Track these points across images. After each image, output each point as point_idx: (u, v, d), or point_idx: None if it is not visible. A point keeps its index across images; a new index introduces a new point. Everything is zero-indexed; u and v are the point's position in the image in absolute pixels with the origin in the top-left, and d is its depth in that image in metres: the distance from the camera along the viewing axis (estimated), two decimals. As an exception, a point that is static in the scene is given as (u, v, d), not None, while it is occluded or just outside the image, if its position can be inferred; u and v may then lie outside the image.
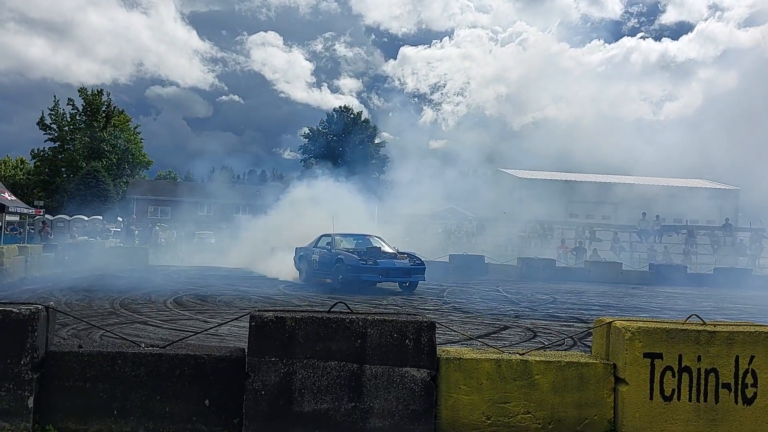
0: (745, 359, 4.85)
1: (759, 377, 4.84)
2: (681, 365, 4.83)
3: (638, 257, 31.81)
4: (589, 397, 4.91)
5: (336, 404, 4.70)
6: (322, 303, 13.73)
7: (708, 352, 4.84)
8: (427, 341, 4.83)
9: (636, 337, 4.83)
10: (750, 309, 16.75)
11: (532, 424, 4.84)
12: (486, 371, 4.87)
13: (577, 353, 5.85)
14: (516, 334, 10.24)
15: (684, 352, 4.84)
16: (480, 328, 10.92)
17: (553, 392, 4.88)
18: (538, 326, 11.37)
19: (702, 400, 4.81)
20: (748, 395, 4.83)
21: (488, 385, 4.85)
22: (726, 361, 4.84)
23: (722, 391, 4.82)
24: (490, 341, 9.03)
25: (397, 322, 4.82)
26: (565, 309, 14.67)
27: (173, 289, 16.09)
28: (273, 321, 4.72)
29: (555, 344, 9.22)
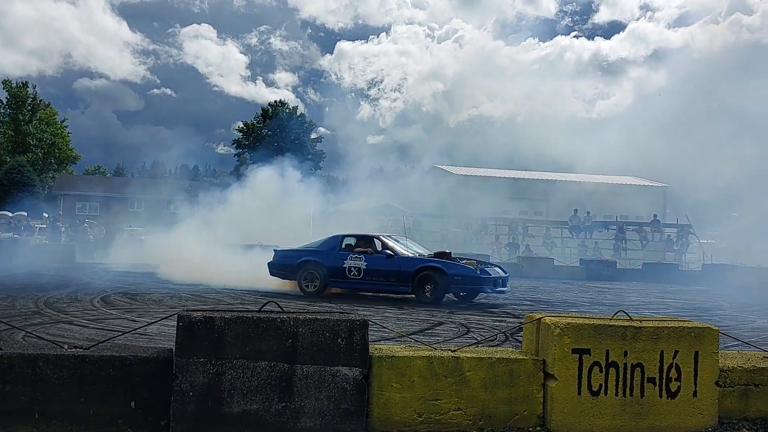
0: (670, 354, 4.96)
1: (682, 371, 4.96)
2: (608, 360, 4.92)
3: (570, 253, 32.44)
4: (519, 392, 4.96)
5: (266, 404, 4.64)
6: (255, 301, 13.57)
7: (634, 348, 4.94)
8: (359, 339, 4.80)
9: (565, 333, 4.89)
10: (675, 303, 17.24)
11: (463, 420, 4.86)
12: (418, 369, 4.87)
13: (508, 349, 5.91)
14: (450, 330, 10.31)
15: (611, 348, 4.93)
16: (414, 324, 10.96)
17: (484, 388, 4.91)
18: (472, 322, 11.47)
19: (628, 395, 4.91)
20: (672, 389, 4.95)
21: (420, 383, 4.85)
22: (651, 356, 4.95)
23: (647, 385, 4.93)
24: (424, 337, 9.07)
25: (329, 321, 4.78)
26: (497, 304, 14.84)
27: (101, 287, 15.69)
28: (201, 321, 4.62)
29: (487, 340, 9.31)
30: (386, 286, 14.90)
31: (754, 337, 10.95)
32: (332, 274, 15.23)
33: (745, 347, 5.96)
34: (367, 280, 15.02)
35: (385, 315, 12.13)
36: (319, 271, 15.37)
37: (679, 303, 17.46)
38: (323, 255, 15.51)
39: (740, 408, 5.20)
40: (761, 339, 10.66)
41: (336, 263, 15.24)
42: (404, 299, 15.00)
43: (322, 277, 15.32)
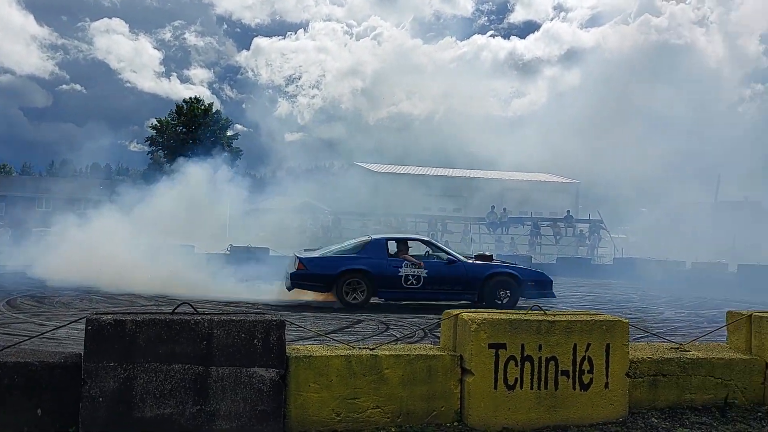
0: (582, 347, 5.07)
1: (594, 364, 5.08)
2: (523, 354, 4.99)
3: (487, 248, 32.95)
4: (437, 388, 4.98)
5: (180, 408, 4.52)
6: (170, 303, 13.25)
7: (548, 341, 5.03)
8: (276, 340, 4.73)
9: (481, 328, 4.94)
10: (588, 297, 17.74)
11: (382, 418, 4.85)
12: (336, 368, 4.83)
13: (426, 346, 5.93)
14: (369, 328, 10.31)
15: (526, 342, 5.00)
16: (333, 323, 10.92)
17: (403, 386, 4.91)
18: (391, 319, 11.50)
19: (543, 388, 5.00)
20: (584, 381, 5.06)
21: (338, 382, 4.82)
22: (565, 349, 5.05)
23: (561, 378, 5.02)
24: (343, 336, 9.03)
25: (245, 322, 4.70)
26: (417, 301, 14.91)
27: (6, 289, 15.04)
28: (111, 324, 4.46)
29: (406, 337, 9.35)
30: (449, 295, 13.85)
31: (663, 328, 11.35)
32: (383, 283, 13.62)
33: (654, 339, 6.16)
34: (427, 289, 13.73)
35: (304, 315, 12.03)
36: (366, 280, 13.64)
37: (592, 296, 17.97)
38: (371, 262, 13.78)
39: (649, 398, 5.36)
40: (669, 330, 11.07)
41: (388, 271, 13.66)
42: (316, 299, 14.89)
43: (370, 287, 13.64)
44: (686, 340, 6.08)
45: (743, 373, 5.53)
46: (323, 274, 13.58)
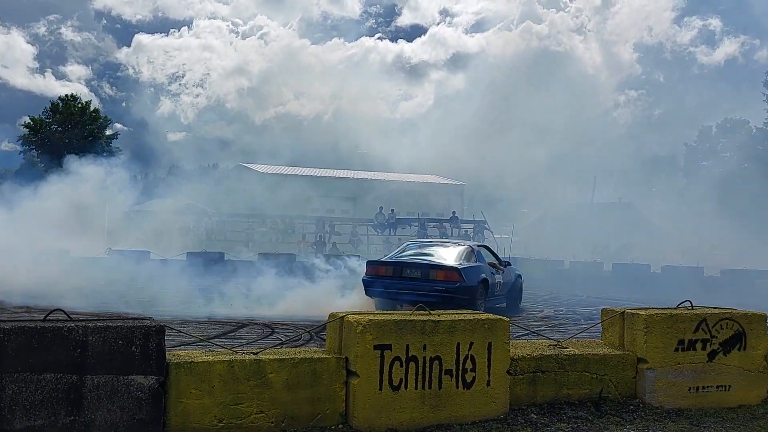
0: (465, 346, 5.16)
1: (477, 362, 5.18)
2: (408, 355, 5.02)
3: (375, 250, 33.19)
4: (322, 391, 4.94)
5: (52, 419, 4.31)
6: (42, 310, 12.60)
7: (432, 341, 5.08)
8: (155, 346, 4.58)
9: (367, 330, 4.94)
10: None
11: (266, 423, 4.77)
12: (218, 373, 4.72)
13: (311, 349, 5.89)
14: (253, 332, 10.15)
15: (411, 342, 5.04)
16: (217, 327, 10.67)
17: (287, 390, 4.85)
18: (276, 322, 11.37)
19: (427, 387, 5.05)
20: (467, 380, 5.15)
21: (220, 388, 4.71)
22: (449, 348, 5.12)
23: (445, 377, 5.09)
24: (226, 341, 8.85)
25: (122, 328, 4.52)
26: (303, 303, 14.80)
27: None
28: (-25, 333, 4.20)
29: (292, 340, 9.26)
30: (507, 299, 13.84)
31: (542, 326, 11.73)
32: (488, 292, 12.93)
33: (533, 336, 6.35)
34: (503, 295, 13.63)
35: (186, 320, 11.71)
36: (484, 290, 12.72)
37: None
38: (486, 270, 13.01)
39: (529, 394, 5.51)
40: (548, 328, 11.45)
41: (491, 279, 13.09)
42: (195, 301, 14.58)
43: (485, 297, 12.69)
44: (564, 337, 6.29)
45: (616, 368, 5.77)
46: (472, 286, 12.35)
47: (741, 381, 5.91)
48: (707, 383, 5.83)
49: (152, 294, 15.99)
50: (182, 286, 18.24)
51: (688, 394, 5.78)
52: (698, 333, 5.82)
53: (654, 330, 5.72)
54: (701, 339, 5.82)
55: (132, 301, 13.95)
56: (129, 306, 12.84)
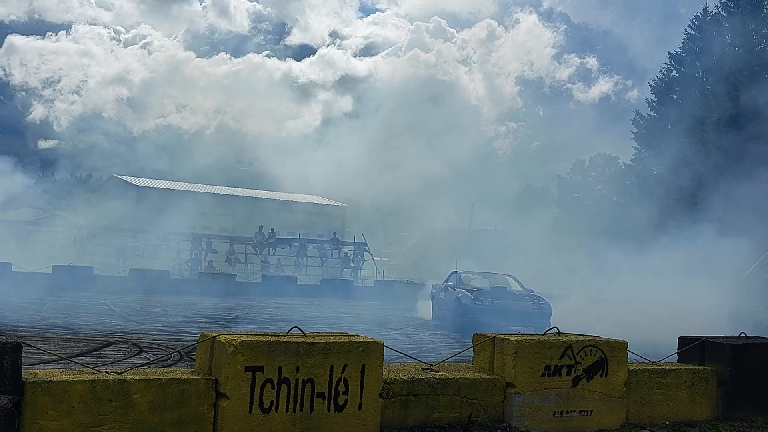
0: (339, 368, 5.12)
1: (350, 385, 5.14)
2: (280, 377, 4.93)
3: (252, 269, 32.72)
4: (190, 413, 4.78)
5: None
6: None
7: (306, 363, 5.02)
8: (10, 364, 4.32)
9: (239, 351, 4.82)
10: (348, 318, 18.15)
11: (128, 446, 4.56)
12: (79, 393, 4.48)
13: (180, 369, 5.70)
14: (120, 351, 9.74)
15: (284, 364, 4.95)
16: (81, 345, 10.18)
17: (152, 411, 4.66)
18: (146, 341, 10.96)
19: (298, 410, 4.97)
20: (339, 402, 5.11)
21: (81, 408, 4.47)
22: (322, 371, 5.06)
23: (317, 400, 5.03)
24: (91, 359, 8.45)
25: (-27, 345, 4.22)
26: (175, 322, 14.43)
27: None
28: None
29: (161, 359, 8.95)
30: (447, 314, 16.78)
31: (416, 348, 11.86)
32: None
33: (407, 359, 6.38)
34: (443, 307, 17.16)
35: (48, 336, 11.11)
36: None
37: (352, 317, 18.41)
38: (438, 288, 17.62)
39: (401, 417, 5.52)
40: (422, 351, 11.58)
41: (437, 294, 17.51)
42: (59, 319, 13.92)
43: None
44: (437, 361, 6.36)
45: (486, 392, 5.88)
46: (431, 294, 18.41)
47: (602, 406, 6.14)
48: (571, 408, 6.03)
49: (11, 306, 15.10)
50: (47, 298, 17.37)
51: (553, 419, 5.95)
52: (564, 359, 6.01)
53: (523, 355, 5.88)
54: (567, 365, 6.02)
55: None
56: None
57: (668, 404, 6.53)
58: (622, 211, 31.77)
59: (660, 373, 6.56)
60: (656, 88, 37.31)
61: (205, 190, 48.01)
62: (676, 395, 6.57)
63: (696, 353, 6.97)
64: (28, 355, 4.42)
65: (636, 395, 6.37)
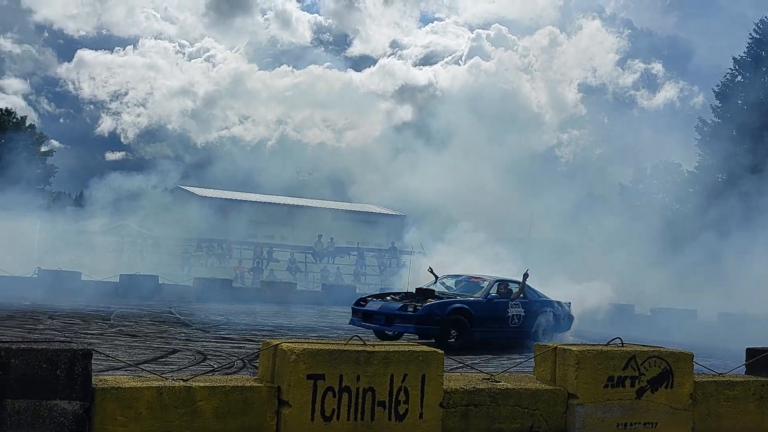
0: (399, 377, 5.15)
1: (410, 394, 5.17)
2: (341, 385, 4.99)
3: (312, 277, 33.00)
4: (253, 421, 4.87)
5: (-32, 445, 4.13)
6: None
7: (367, 372, 5.06)
8: (81, 371, 4.46)
9: (300, 359, 4.89)
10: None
11: (194, 453, 4.66)
12: (146, 400, 4.61)
13: (243, 377, 5.81)
14: (185, 358, 9.94)
15: (345, 373, 5.00)
16: (147, 352, 10.42)
17: (217, 418, 4.76)
18: (209, 349, 11.16)
19: (359, 419, 5.01)
20: (400, 411, 5.13)
21: (148, 415, 4.59)
22: (382, 380, 5.10)
23: (378, 408, 5.06)
24: (157, 367, 8.64)
25: (47, 351, 4.39)
26: (238, 330, 14.63)
27: None
28: None
29: (224, 367, 9.10)
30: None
31: (477, 359, 11.79)
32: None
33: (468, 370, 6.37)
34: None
35: (115, 343, 11.41)
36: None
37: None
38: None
39: (461, 427, 5.51)
40: (483, 361, 11.52)
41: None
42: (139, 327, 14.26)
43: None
44: (497, 371, 6.33)
45: (548, 402, 5.83)
46: None
47: (667, 418, 6.02)
48: (635, 420, 5.93)
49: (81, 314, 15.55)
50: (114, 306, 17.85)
51: (617, 431, 5.86)
52: (627, 370, 5.92)
53: (585, 366, 5.81)
54: (630, 376, 5.93)
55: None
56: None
57: (736, 417, 6.37)
58: (684, 219, 31.06)
59: (727, 385, 6.40)
60: (720, 94, 36.44)
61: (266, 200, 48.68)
62: (744, 408, 6.40)
63: (765, 365, 6.78)
64: (97, 362, 4.56)
65: (702, 408, 6.23)
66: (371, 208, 51.89)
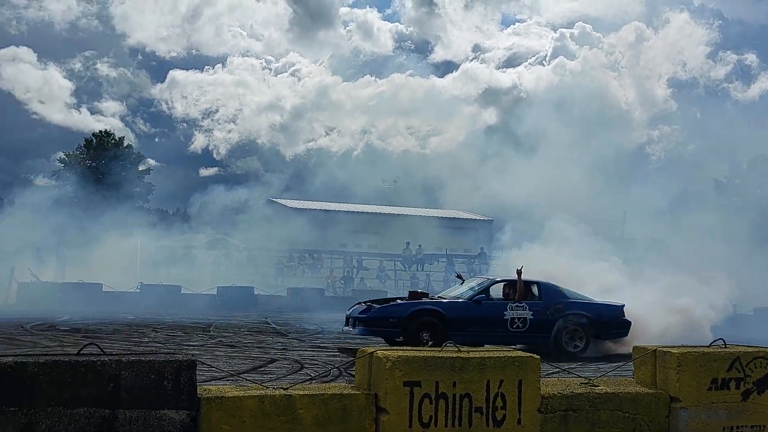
0: (496, 383, 5.12)
1: (507, 400, 5.14)
2: (438, 392, 5.00)
3: (402, 285, 33.11)
4: (352, 428, 4.93)
5: (85, 454, 4.34)
6: (75, 343, 12.75)
7: (462, 378, 5.06)
8: (187, 381, 4.61)
9: (396, 366, 4.93)
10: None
11: (296, 460, 4.76)
12: (249, 409, 4.74)
13: (341, 384, 5.89)
14: (283, 367, 10.16)
15: (441, 379, 5.02)
16: (246, 362, 10.70)
17: (317, 426, 4.85)
18: (306, 358, 11.37)
19: (457, 425, 5.01)
20: (498, 417, 5.11)
21: (251, 423, 4.72)
22: (478, 386, 5.09)
23: (475, 415, 5.05)
24: (256, 376, 8.87)
25: (154, 363, 4.56)
26: (332, 339, 14.84)
27: None
28: (12, 367, 4.26)
29: (321, 376, 9.25)
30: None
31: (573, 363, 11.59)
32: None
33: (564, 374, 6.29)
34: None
35: (216, 354, 11.76)
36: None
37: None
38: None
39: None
40: (578, 366, 11.31)
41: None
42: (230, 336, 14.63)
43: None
44: (595, 375, 6.22)
45: (649, 406, 5.68)
46: None
47: (777, 421, 5.79)
48: (741, 423, 5.72)
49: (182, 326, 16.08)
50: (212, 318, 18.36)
51: (723, 435, 5.67)
52: (732, 372, 5.72)
53: (687, 368, 5.64)
54: (735, 378, 5.72)
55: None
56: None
57: None
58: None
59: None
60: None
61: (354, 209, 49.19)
62: None
63: None
64: (199, 372, 4.71)
65: (815, 410, 5.95)
66: (459, 214, 51.72)
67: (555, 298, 13.61)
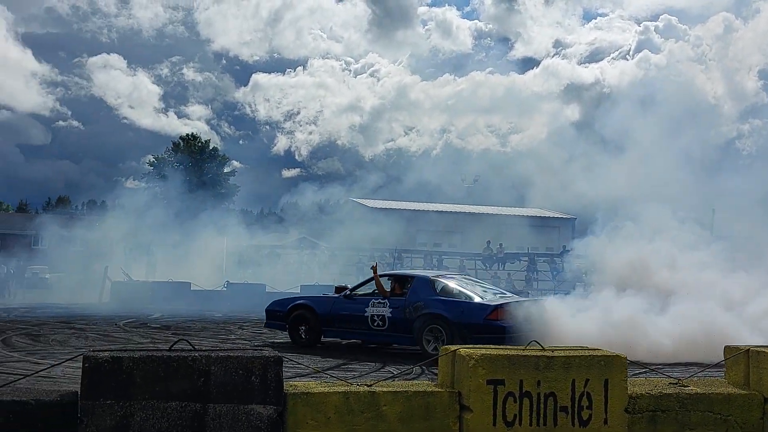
0: (581, 382, 5.05)
1: (593, 399, 5.05)
2: (522, 390, 4.96)
3: (484, 284, 32.86)
4: (436, 425, 4.94)
5: (177, 446, 4.48)
6: (166, 340, 13.17)
7: (547, 377, 5.01)
8: (273, 377, 4.70)
9: (479, 364, 4.92)
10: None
11: (380, 456, 4.81)
12: (334, 405, 4.80)
13: (424, 382, 5.91)
14: (365, 365, 10.25)
15: (525, 378, 4.98)
16: (330, 359, 10.86)
17: (401, 422, 4.87)
18: (388, 355, 11.44)
19: (542, 424, 4.96)
20: (583, 417, 5.03)
21: (336, 419, 4.78)
22: (563, 385, 5.02)
23: (560, 414, 4.99)
24: (340, 373, 8.99)
25: (242, 359, 4.67)
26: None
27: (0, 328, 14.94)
28: (109, 362, 4.44)
29: (404, 373, 9.30)
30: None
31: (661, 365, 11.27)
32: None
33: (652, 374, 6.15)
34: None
35: (300, 351, 11.96)
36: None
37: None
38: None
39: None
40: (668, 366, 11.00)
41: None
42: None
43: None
44: (684, 375, 6.06)
45: (742, 408, 5.50)
46: None
47: None
48: None
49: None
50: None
51: (823, 439, 5.44)
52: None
53: (782, 369, 5.44)
54: (836, 380, 5.48)
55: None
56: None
57: None
58: None
59: None
60: None
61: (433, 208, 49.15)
62: None
63: None
64: (285, 369, 4.80)
65: None
66: (541, 212, 51.04)
67: (420, 295, 12.07)
